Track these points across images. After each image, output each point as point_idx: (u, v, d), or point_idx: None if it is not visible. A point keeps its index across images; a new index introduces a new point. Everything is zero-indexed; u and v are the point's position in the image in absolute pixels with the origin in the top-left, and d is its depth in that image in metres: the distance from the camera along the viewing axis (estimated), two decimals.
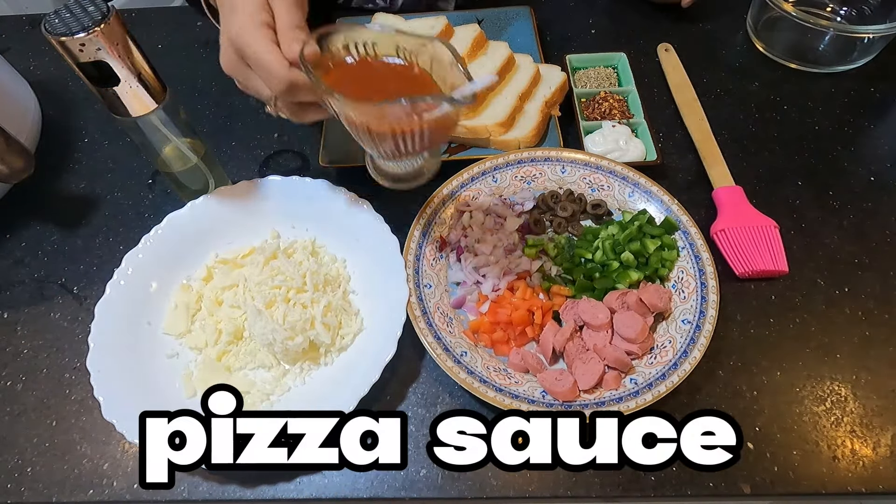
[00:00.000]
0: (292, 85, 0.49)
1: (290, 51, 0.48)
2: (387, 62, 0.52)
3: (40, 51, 0.87)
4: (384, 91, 0.50)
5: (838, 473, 0.51)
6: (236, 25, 0.49)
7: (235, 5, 0.50)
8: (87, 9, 0.47)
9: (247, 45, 0.49)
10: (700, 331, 0.54)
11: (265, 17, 0.50)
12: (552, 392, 0.53)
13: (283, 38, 0.49)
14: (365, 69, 0.52)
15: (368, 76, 0.51)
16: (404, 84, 0.51)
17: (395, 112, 0.46)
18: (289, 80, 0.48)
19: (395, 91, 0.49)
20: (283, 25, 0.50)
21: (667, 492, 0.51)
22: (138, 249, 0.61)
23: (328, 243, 0.64)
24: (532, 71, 0.73)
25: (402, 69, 0.51)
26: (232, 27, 0.50)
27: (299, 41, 0.49)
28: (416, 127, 0.47)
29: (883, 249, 0.64)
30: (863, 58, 0.78)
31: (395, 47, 0.51)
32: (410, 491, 0.52)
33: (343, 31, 0.51)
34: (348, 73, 0.51)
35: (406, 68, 0.51)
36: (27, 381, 0.59)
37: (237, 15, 0.49)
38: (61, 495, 0.53)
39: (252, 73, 0.51)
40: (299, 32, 0.50)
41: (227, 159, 0.74)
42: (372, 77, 0.51)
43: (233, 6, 0.50)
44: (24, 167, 0.59)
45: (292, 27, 0.50)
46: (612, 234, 0.61)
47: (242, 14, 0.49)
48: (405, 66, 0.51)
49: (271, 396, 0.56)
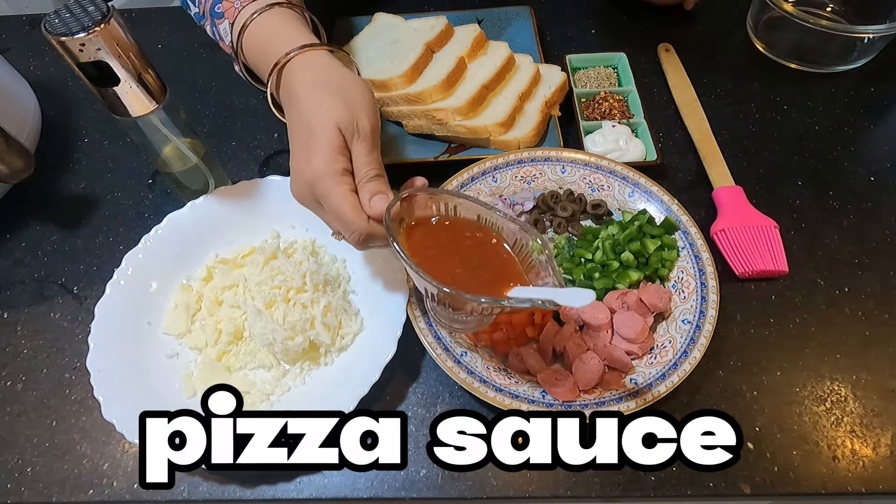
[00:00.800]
0: (369, 237, 0.48)
1: (373, 209, 0.47)
2: (466, 222, 0.50)
3: (40, 51, 0.87)
4: (463, 259, 0.48)
5: (838, 473, 0.51)
6: (314, 170, 0.48)
7: (312, 146, 0.49)
8: (87, 9, 0.47)
9: (325, 195, 0.48)
10: (700, 331, 0.54)
11: (344, 164, 0.49)
12: (552, 392, 0.53)
13: (364, 189, 0.48)
14: (443, 230, 0.50)
15: (446, 237, 0.49)
16: (483, 254, 0.49)
17: (474, 304, 0.44)
18: (367, 233, 0.48)
19: (475, 259, 0.48)
20: (363, 174, 0.49)
21: (667, 492, 0.51)
22: (138, 249, 0.61)
23: (328, 243, 0.64)
24: (532, 71, 0.73)
25: (481, 236, 0.49)
26: (309, 171, 0.48)
27: (382, 196, 0.48)
28: (491, 311, 0.46)
29: (883, 249, 0.64)
30: (863, 58, 0.78)
31: (476, 215, 0.50)
32: (410, 491, 0.52)
33: (426, 194, 0.49)
34: (425, 232, 0.49)
35: (485, 235, 0.49)
36: (27, 381, 0.59)
37: (315, 158, 0.48)
38: (61, 495, 0.53)
39: (325, 213, 0.50)
40: (381, 183, 0.49)
41: (227, 159, 0.74)
42: (450, 240, 0.49)
43: (308, 145, 0.49)
44: (24, 167, 0.59)
45: (373, 176, 0.49)
46: (612, 234, 0.61)
47: (320, 159, 0.48)
48: (484, 233, 0.50)
49: (271, 396, 0.56)
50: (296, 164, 0.51)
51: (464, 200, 0.50)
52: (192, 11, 0.66)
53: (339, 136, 0.49)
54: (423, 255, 0.47)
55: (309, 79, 0.52)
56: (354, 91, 0.51)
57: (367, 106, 0.51)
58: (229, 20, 0.59)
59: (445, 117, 0.69)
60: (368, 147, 0.50)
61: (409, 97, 0.70)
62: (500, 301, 0.44)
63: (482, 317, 0.48)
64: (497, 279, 0.48)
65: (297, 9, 0.59)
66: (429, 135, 0.71)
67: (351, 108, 0.50)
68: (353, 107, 0.50)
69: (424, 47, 0.73)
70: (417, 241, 0.49)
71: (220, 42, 0.63)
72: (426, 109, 0.69)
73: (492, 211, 0.49)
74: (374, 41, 0.77)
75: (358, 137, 0.50)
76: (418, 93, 0.70)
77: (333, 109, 0.49)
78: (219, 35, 0.62)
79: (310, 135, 0.49)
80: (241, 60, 0.60)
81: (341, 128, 0.49)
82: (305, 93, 0.51)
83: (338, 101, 0.50)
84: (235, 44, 0.59)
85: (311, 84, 0.51)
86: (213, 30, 0.63)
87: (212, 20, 0.62)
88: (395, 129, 0.73)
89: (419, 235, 0.49)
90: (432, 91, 0.69)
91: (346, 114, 0.49)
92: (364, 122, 0.50)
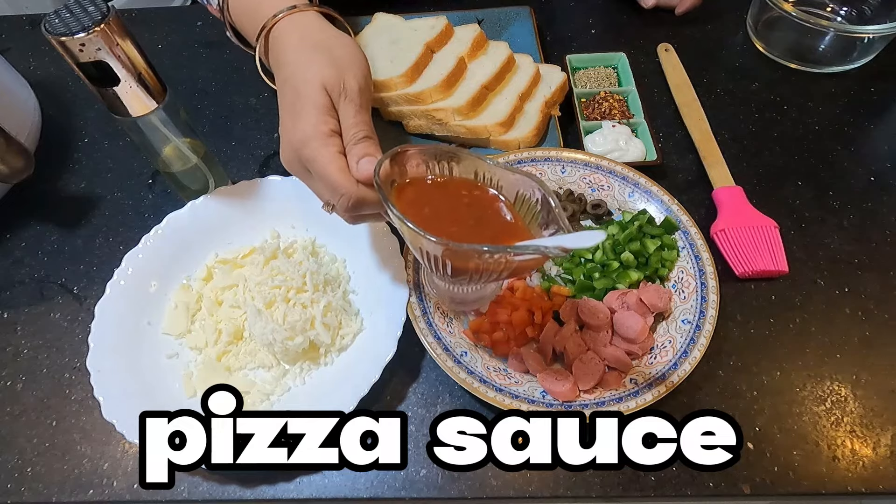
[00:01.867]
0: (359, 201, 0.46)
1: (361, 171, 0.45)
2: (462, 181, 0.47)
3: (40, 51, 0.87)
4: (460, 218, 0.46)
5: (838, 473, 0.51)
6: (300, 133, 0.46)
7: (298, 109, 0.47)
8: (87, 9, 0.47)
9: (312, 159, 0.46)
10: (700, 331, 0.54)
11: (331, 125, 0.47)
12: (552, 392, 0.53)
13: (352, 152, 0.46)
14: (437, 189, 0.47)
15: (440, 197, 0.47)
16: (481, 211, 0.46)
17: (477, 255, 0.41)
18: (357, 197, 0.45)
19: (471, 218, 0.45)
20: (350, 136, 0.47)
21: (667, 492, 0.51)
22: (138, 249, 0.61)
23: (328, 243, 0.64)
24: (532, 71, 0.73)
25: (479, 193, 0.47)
26: (295, 134, 0.47)
27: (370, 158, 0.45)
28: (495, 268, 0.43)
29: (883, 249, 0.64)
30: (863, 58, 0.78)
31: (474, 171, 0.47)
32: (410, 491, 0.52)
33: (419, 151, 0.47)
34: (418, 191, 0.47)
35: (483, 193, 0.47)
36: (27, 381, 0.59)
37: (301, 122, 0.46)
38: (61, 495, 0.53)
39: (314, 179, 0.48)
40: (369, 145, 0.46)
41: (227, 159, 0.74)
42: (445, 199, 0.47)
43: (294, 108, 0.47)
44: (24, 167, 0.59)
45: (361, 138, 0.47)
46: (612, 234, 0.61)
47: (306, 122, 0.46)
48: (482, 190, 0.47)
49: (271, 396, 0.56)
50: (283, 128, 0.49)
51: (459, 155, 0.47)
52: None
53: (325, 97, 0.47)
54: (418, 215, 0.45)
55: (296, 40, 0.50)
56: (342, 49, 0.49)
57: (356, 65, 0.49)
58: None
59: (445, 117, 0.69)
60: (356, 107, 0.48)
61: (409, 97, 0.70)
62: (504, 249, 0.41)
63: (486, 282, 0.45)
64: (498, 236, 0.46)
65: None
66: (429, 135, 0.71)
67: (338, 66, 0.48)
68: (340, 66, 0.48)
69: (424, 47, 0.73)
70: (410, 201, 0.46)
71: (207, 6, 0.60)
72: (426, 109, 0.69)
73: (490, 164, 0.46)
74: (374, 41, 0.77)
75: (345, 98, 0.48)
76: (418, 93, 0.70)
77: (318, 69, 0.47)
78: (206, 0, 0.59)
79: (296, 97, 0.47)
80: (228, 24, 0.57)
81: (327, 88, 0.47)
82: (292, 55, 0.49)
83: (323, 61, 0.48)
84: (222, 6, 0.56)
85: (299, 46, 0.50)
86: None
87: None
88: (395, 129, 0.73)
89: (412, 196, 0.47)
90: (432, 91, 0.69)
91: (333, 73, 0.47)
92: (351, 81, 0.48)
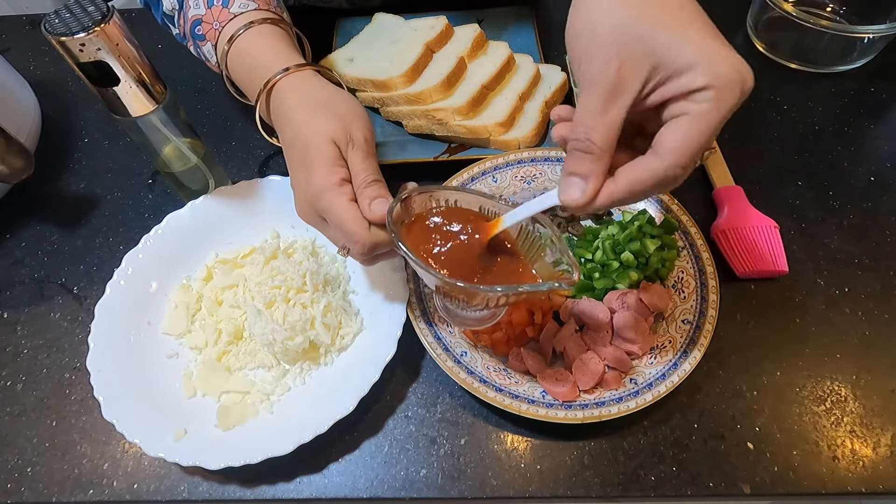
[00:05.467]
0: (373, 246, 0.48)
1: (374, 211, 0.47)
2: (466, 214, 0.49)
3: (40, 51, 0.87)
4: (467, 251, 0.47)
5: (838, 473, 0.51)
6: (314, 187, 0.48)
7: (309, 161, 0.49)
8: (87, 9, 0.47)
9: (327, 209, 0.48)
10: (700, 331, 0.54)
11: (342, 174, 0.49)
12: (552, 392, 0.53)
13: (363, 194, 0.48)
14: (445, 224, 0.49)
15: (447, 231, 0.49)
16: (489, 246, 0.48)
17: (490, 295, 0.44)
18: (371, 242, 0.47)
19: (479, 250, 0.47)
20: (360, 180, 0.49)
21: (667, 492, 0.51)
22: (138, 249, 0.61)
23: (328, 243, 0.64)
24: (532, 71, 0.73)
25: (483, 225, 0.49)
26: (309, 188, 0.49)
27: (381, 200, 0.48)
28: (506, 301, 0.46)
29: (883, 249, 0.64)
30: (863, 58, 0.78)
31: (479, 207, 0.49)
32: (410, 491, 0.52)
33: (426, 192, 0.49)
34: (426, 229, 0.49)
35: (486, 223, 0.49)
36: (27, 381, 0.59)
37: (313, 175, 0.48)
38: (61, 495, 0.53)
39: (329, 227, 0.50)
40: (379, 187, 0.49)
41: (227, 159, 0.74)
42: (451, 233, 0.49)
43: (305, 161, 0.49)
44: (24, 167, 0.59)
45: (371, 181, 0.49)
46: (612, 234, 0.61)
47: (318, 175, 0.48)
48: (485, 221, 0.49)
49: (271, 396, 0.56)
50: (296, 184, 0.51)
51: (463, 194, 0.49)
52: (174, 32, 0.65)
53: (333, 148, 0.49)
54: (427, 251, 0.47)
55: (298, 101, 0.52)
56: (344, 105, 0.52)
57: (359, 118, 0.52)
58: (211, 42, 0.59)
59: (445, 117, 0.69)
60: (363, 154, 0.50)
61: (409, 97, 0.70)
62: (515, 289, 0.43)
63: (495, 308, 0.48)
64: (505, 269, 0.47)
65: (278, 22, 0.58)
66: (429, 135, 0.71)
67: (343, 121, 0.50)
68: (345, 120, 0.50)
69: (424, 47, 0.73)
70: (418, 239, 0.49)
71: (206, 62, 0.62)
72: (426, 109, 0.69)
73: (493, 201, 0.49)
74: (374, 41, 0.77)
75: (353, 147, 0.50)
76: (418, 93, 0.70)
77: (325, 124, 0.50)
78: (203, 56, 0.61)
79: (305, 153, 0.49)
80: (228, 79, 0.60)
81: (335, 140, 0.49)
82: (297, 113, 0.51)
83: (328, 117, 0.50)
84: (220, 65, 0.58)
85: (301, 105, 0.52)
86: (196, 51, 0.62)
87: (194, 42, 0.61)
88: (395, 129, 0.73)
89: (420, 233, 0.49)
90: (432, 91, 0.69)
91: (339, 126, 0.50)
92: (357, 132, 0.50)
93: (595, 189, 0.38)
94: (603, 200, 0.38)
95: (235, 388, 0.56)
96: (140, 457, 0.54)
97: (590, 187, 0.38)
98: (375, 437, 0.54)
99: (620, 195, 0.38)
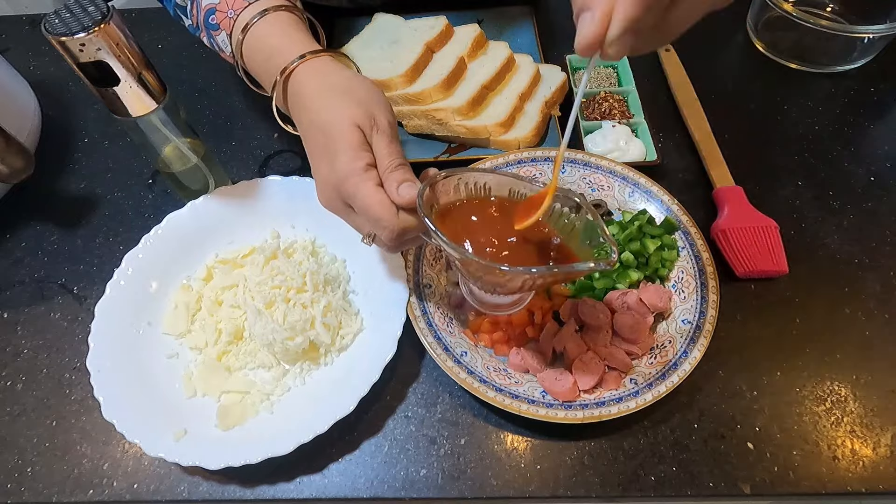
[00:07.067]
0: (402, 231, 0.47)
1: (402, 195, 0.46)
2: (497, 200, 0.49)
3: (40, 51, 0.87)
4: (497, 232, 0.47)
5: (838, 473, 0.51)
6: (338, 172, 0.47)
7: (332, 149, 0.48)
8: (87, 9, 0.47)
9: (353, 195, 0.47)
10: (700, 331, 0.54)
11: (367, 159, 0.48)
12: (552, 392, 0.53)
13: (390, 178, 0.47)
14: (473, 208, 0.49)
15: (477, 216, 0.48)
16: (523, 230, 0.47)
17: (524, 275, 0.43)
18: (400, 227, 0.46)
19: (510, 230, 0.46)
20: (387, 164, 0.48)
21: (667, 492, 0.51)
22: (138, 249, 0.61)
23: (328, 243, 0.64)
24: (532, 71, 0.73)
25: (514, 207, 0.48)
26: (333, 174, 0.48)
27: (410, 184, 0.47)
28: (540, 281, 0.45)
29: (883, 249, 0.64)
30: (863, 58, 0.78)
31: (507, 190, 0.49)
32: (410, 491, 0.52)
33: (455, 174, 0.48)
34: (456, 211, 0.48)
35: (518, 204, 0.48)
36: (27, 381, 0.59)
37: (337, 161, 0.47)
38: (61, 495, 0.53)
39: (354, 214, 0.49)
40: (406, 171, 0.48)
41: (227, 159, 0.74)
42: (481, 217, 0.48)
43: (328, 149, 0.48)
44: (24, 167, 0.59)
45: (398, 165, 0.48)
46: (612, 234, 0.61)
47: (342, 160, 0.47)
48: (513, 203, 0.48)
49: (271, 396, 0.56)
50: (319, 171, 0.50)
51: (493, 176, 0.48)
52: (186, 23, 0.64)
53: (358, 133, 0.48)
54: (462, 235, 0.46)
55: (316, 87, 0.51)
56: (364, 89, 0.51)
57: (380, 102, 0.51)
58: (226, 31, 0.58)
59: (445, 117, 0.69)
60: (388, 138, 0.49)
61: (409, 97, 0.70)
62: (552, 269, 0.42)
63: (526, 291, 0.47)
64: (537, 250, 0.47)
65: (293, 10, 0.57)
66: (429, 135, 0.71)
67: (364, 105, 0.49)
68: (367, 105, 0.49)
69: (424, 47, 0.73)
70: (451, 222, 0.48)
71: (220, 53, 0.62)
72: (426, 109, 0.69)
73: (523, 182, 0.48)
74: (374, 41, 0.77)
75: (377, 131, 0.49)
76: (418, 93, 0.70)
77: (347, 110, 0.49)
78: (217, 46, 0.61)
79: (328, 139, 0.48)
80: (242, 68, 0.59)
81: (359, 124, 0.48)
82: (316, 100, 0.50)
83: (350, 102, 0.49)
84: (235, 54, 0.58)
85: (320, 91, 0.51)
86: (210, 41, 0.61)
87: (207, 32, 0.60)
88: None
89: (451, 217, 0.48)
90: (432, 91, 0.69)
91: (361, 111, 0.49)
92: (381, 117, 0.49)
93: (604, 12, 0.37)
94: (616, 27, 0.37)
95: (235, 388, 0.56)
96: (140, 457, 0.54)
97: (598, 12, 0.37)
98: (375, 437, 0.54)
99: (632, 11, 0.37)
